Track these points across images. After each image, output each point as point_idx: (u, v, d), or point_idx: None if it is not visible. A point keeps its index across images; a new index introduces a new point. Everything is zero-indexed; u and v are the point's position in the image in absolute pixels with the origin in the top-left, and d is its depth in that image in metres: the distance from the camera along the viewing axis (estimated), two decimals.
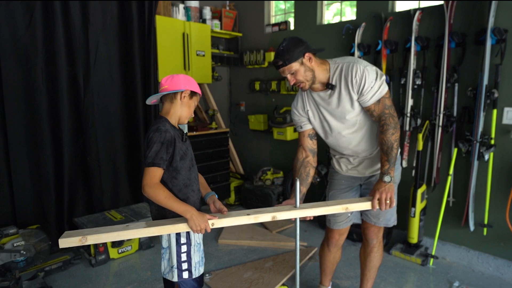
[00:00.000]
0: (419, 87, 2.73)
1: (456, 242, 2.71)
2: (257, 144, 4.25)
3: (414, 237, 2.69)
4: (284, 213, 1.48)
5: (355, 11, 3.12)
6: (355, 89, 1.57)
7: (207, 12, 3.80)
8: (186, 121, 1.49)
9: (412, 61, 2.67)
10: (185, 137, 1.47)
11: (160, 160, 1.33)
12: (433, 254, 2.63)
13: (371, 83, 1.55)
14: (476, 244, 2.61)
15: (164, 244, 1.48)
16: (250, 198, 3.75)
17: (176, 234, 1.43)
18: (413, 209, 2.64)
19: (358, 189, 1.87)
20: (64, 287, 2.37)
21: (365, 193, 1.84)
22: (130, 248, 2.82)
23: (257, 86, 4.02)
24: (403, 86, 2.78)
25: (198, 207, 1.49)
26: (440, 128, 2.60)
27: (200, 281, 1.52)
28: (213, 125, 3.81)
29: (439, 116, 2.59)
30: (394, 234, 2.97)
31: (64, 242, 1.30)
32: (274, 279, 2.40)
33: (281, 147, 3.97)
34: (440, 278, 2.44)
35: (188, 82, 1.45)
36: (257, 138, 4.22)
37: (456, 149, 2.54)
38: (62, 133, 2.73)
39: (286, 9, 3.97)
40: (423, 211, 2.69)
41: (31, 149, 2.64)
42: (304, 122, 1.79)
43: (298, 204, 1.51)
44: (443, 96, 2.55)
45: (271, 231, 3.21)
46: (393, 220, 1.84)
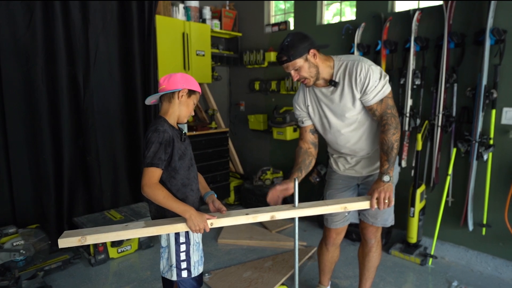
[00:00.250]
0: (418, 87, 2.74)
1: (455, 242, 2.72)
2: (257, 144, 4.26)
3: (413, 237, 2.69)
4: (283, 213, 1.49)
5: (355, 11, 3.12)
6: (358, 87, 1.58)
7: (207, 12, 3.81)
8: (185, 120, 1.49)
9: (411, 61, 2.67)
10: (184, 137, 1.47)
11: (159, 161, 1.34)
12: (432, 253, 2.63)
13: (375, 82, 1.55)
14: (475, 244, 2.61)
15: (163, 243, 1.48)
16: (249, 198, 3.75)
17: (175, 233, 1.43)
18: (412, 209, 2.65)
19: (356, 189, 1.88)
20: (64, 286, 2.38)
21: (363, 193, 1.84)
22: (130, 247, 2.83)
23: (256, 86, 4.02)
24: (403, 86, 2.78)
25: (197, 207, 1.49)
26: (439, 128, 2.60)
27: (199, 280, 1.53)
28: (213, 124, 3.81)
29: (438, 116, 2.60)
30: (393, 234, 2.97)
31: (63, 242, 1.30)
32: (273, 278, 2.41)
33: (280, 147, 3.98)
34: (439, 277, 2.45)
35: (186, 80, 1.44)
36: (257, 138, 4.23)
37: (455, 149, 2.54)
38: (62, 133, 2.73)
39: (286, 9, 3.97)
40: (422, 211, 2.69)
41: (31, 148, 2.64)
42: (305, 118, 1.80)
43: (297, 203, 1.51)
44: (442, 96, 2.55)
45: (271, 230, 3.22)
46: (391, 220, 1.84)
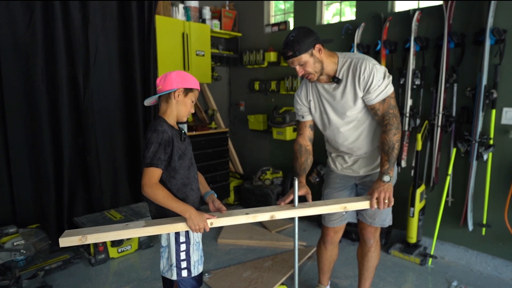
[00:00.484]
0: (418, 87, 2.74)
1: (454, 242, 2.72)
2: (257, 144, 4.26)
3: (413, 237, 2.69)
4: (282, 213, 1.49)
5: (355, 11, 3.13)
6: (361, 85, 1.58)
7: (206, 12, 3.81)
8: (184, 119, 1.49)
9: (411, 61, 2.67)
10: (184, 136, 1.47)
11: (158, 161, 1.34)
12: (431, 253, 2.63)
13: (379, 81, 1.56)
14: (475, 244, 2.61)
15: (163, 243, 1.49)
16: (249, 198, 3.75)
17: (175, 232, 1.44)
18: (412, 209, 2.65)
19: (354, 189, 1.88)
20: (64, 286, 2.38)
21: (361, 193, 1.85)
22: (130, 247, 2.83)
23: (256, 86, 4.02)
24: (402, 86, 2.78)
25: (198, 206, 1.49)
26: (439, 128, 2.60)
27: (199, 279, 1.53)
28: (213, 125, 3.81)
29: (438, 116, 2.60)
30: (393, 234, 2.97)
31: (64, 241, 1.31)
32: (273, 278, 2.41)
33: (280, 147, 3.98)
34: (439, 277, 2.45)
35: (182, 79, 1.42)
36: (257, 138, 4.23)
37: (455, 149, 2.55)
38: (62, 133, 2.74)
39: (285, 9, 3.97)
40: (422, 211, 2.69)
41: (31, 148, 2.65)
42: (305, 112, 1.81)
43: (297, 203, 1.52)
44: (442, 96, 2.55)
45: (270, 230, 3.22)
46: (389, 220, 1.85)
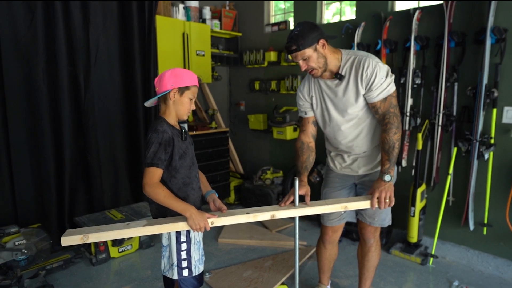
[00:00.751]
0: (418, 87, 2.73)
1: (455, 242, 2.71)
2: (257, 144, 4.26)
3: (413, 237, 2.69)
4: (283, 212, 1.49)
5: (355, 11, 3.12)
6: (364, 83, 1.58)
7: (207, 12, 3.81)
8: (185, 117, 1.49)
9: (411, 60, 2.67)
10: (185, 136, 1.47)
11: (158, 161, 1.35)
12: (432, 253, 2.63)
13: (381, 79, 1.56)
14: (476, 243, 2.61)
15: (164, 242, 1.49)
16: (249, 197, 3.75)
17: (176, 232, 1.44)
18: (412, 209, 2.65)
19: (353, 188, 1.88)
20: (65, 285, 2.38)
21: (361, 193, 1.84)
22: (131, 247, 2.83)
23: (256, 86, 4.02)
24: (403, 85, 2.78)
25: (199, 206, 1.49)
26: (439, 128, 2.60)
27: (200, 279, 1.53)
28: (213, 124, 3.81)
29: (438, 116, 2.59)
30: (394, 234, 2.97)
31: (66, 240, 1.31)
32: (273, 278, 2.41)
33: (280, 146, 3.98)
34: (440, 277, 2.45)
35: (176, 78, 1.40)
36: (257, 138, 4.23)
37: (455, 149, 2.54)
38: (63, 133, 2.74)
39: (285, 9, 3.97)
40: (423, 211, 2.69)
41: (32, 148, 2.65)
42: (308, 108, 1.81)
43: (297, 203, 1.52)
44: (442, 95, 2.55)
45: (271, 230, 3.22)
46: (388, 220, 1.84)
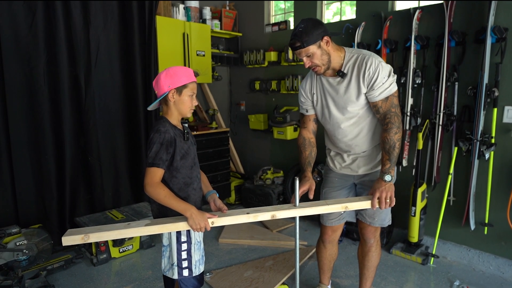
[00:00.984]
0: (419, 86, 2.73)
1: (456, 241, 2.71)
2: (257, 144, 4.26)
3: (414, 236, 2.69)
4: (283, 212, 1.49)
5: (355, 10, 3.12)
6: (366, 81, 1.58)
7: (207, 12, 3.81)
8: (189, 114, 1.48)
9: (412, 60, 2.67)
10: (187, 136, 1.47)
11: (160, 161, 1.35)
12: (433, 253, 2.63)
13: (383, 78, 1.56)
14: (477, 243, 2.61)
15: (165, 242, 1.49)
16: (250, 197, 3.75)
17: (177, 232, 1.44)
18: (413, 208, 2.64)
19: (352, 188, 1.88)
20: (66, 285, 2.39)
21: (360, 193, 1.84)
22: (131, 247, 2.83)
23: (257, 86, 4.02)
24: (403, 85, 2.77)
25: (199, 206, 1.50)
26: (440, 127, 2.60)
27: (200, 279, 1.53)
28: (214, 124, 3.81)
29: (439, 115, 2.59)
30: (395, 233, 2.96)
31: (67, 240, 1.31)
32: (274, 278, 2.41)
33: (281, 146, 3.98)
34: (441, 277, 2.44)
35: (171, 78, 1.39)
36: (257, 138, 4.23)
37: (456, 148, 2.54)
38: (64, 133, 2.75)
39: (286, 9, 3.97)
40: (424, 210, 2.69)
41: (33, 149, 2.66)
42: (309, 107, 1.82)
43: (297, 203, 1.52)
44: (443, 95, 2.55)
45: (271, 230, 3.22)
46: (388, 220, 1.84)
